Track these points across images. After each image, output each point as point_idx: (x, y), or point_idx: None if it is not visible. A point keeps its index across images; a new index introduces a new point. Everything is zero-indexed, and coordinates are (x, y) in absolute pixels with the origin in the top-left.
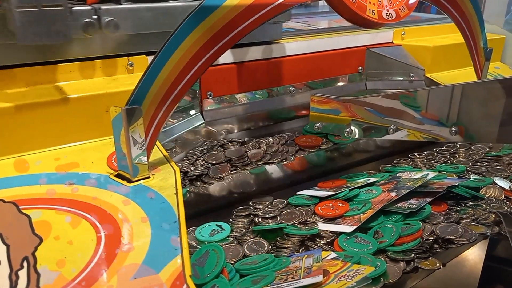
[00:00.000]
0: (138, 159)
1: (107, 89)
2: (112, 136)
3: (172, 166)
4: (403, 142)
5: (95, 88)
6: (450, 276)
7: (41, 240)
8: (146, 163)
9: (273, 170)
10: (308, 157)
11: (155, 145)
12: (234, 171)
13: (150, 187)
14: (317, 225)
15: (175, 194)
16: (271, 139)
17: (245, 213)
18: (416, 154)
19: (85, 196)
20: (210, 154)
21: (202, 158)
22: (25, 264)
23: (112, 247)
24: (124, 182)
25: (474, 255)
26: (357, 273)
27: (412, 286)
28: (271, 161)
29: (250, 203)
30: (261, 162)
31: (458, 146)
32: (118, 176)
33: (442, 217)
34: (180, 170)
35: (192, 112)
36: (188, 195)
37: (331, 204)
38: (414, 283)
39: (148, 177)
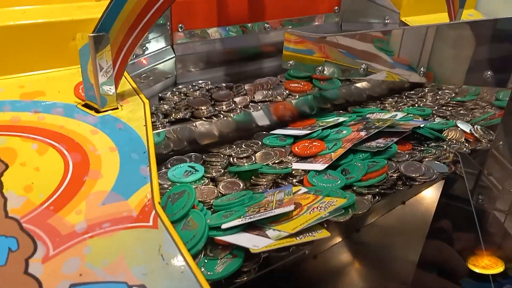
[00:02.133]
0: (106, 89)
1: (74, 16)
2: (79, 66)
3: (141, 98)
4: (382, 89)
5: (61, 14)
6: (408, 213)
7: (6, 166)
8: (114, 93)
9: (258, 114)
10: (298, 101)
11: (124, 77)
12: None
13: (119, 118)
14: (291, 164)
15: (144, 125)
16: (258, 83)
17: (218, 152)
18: (388, 97)
19: (51, 125)
20: (196, 99)
21: (185, 101)
22: None
23: (80, 175)
24: (92, 112)
25: (431, 194)
26: (329, 205)
27: (371, 222)
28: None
29: (220, 151)
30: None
31: (426, 90)
32: (86, 106)
33: (407, 156)
34: (160, 112)
35: (163, 45)
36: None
37: (307, 144)
38: (374, 219)
39: (117, 108)
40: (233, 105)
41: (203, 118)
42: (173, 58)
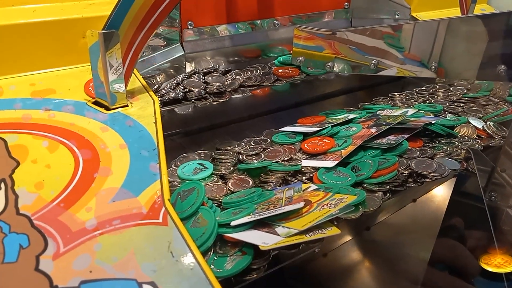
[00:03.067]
0: (116, 86)
1: (84, 14)
2: (89, 63)
3: (150, 96)
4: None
5: (70, 12)
6: (419, 211)
7: (18, 163)
8: (124, 91)
9: (245, 99)
10: (278, 87)
11: (134, 74)
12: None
13: (129, 115)
14: (301, 161)
15: (154, 123)
16: (247, 69)
17: (227, 150)
18: (396, 93)
19: (62, 122)
20: (190, 80)
21: (181, 84)
22: (2, 185)
23: (90, 172)
24: (102, 110)
25: (443, 192)
26: (339, 202)
27: (382, 220)
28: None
29: (229, 148)
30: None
31: (437, 86)
32: (96, 103)
33: (418, 152)
34: (156, 91)
35: (172, 42)
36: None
37: (316, 141)
38: (384, 217)
39: (126, 106)
40: (223, 88)
41: (192, 100)
42: (182, 56)
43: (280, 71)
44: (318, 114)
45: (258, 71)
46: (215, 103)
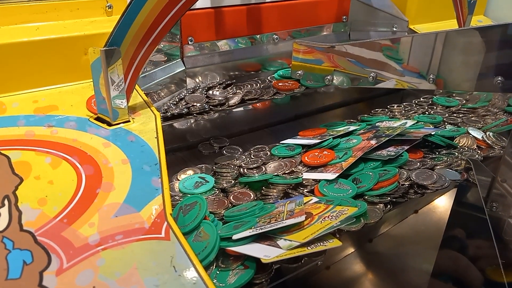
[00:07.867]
0: (117, 102)
1: (85, 31)
2: (91, 80)
3: (152, 111)
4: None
5: (72, 29)
6: (421, 222)
7: (21, 180)
8: (126, 106)
9: (246, 112)
10: (278, 100)
11: (135, 90)
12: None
13: (130, 131)
14: (302, 174)
15: (155, 138)
16: (249, 85)
17: (227, 162)
18: (394, 105)
19: (65, 138)
20: (192, 95)
21: (184, 100)
22: (6, 202)
23: (93, 187)
24: (104, 126)
25: (444, 202)
26: (340, 213)
27: (384, 232)
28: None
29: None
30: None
31: (436, 97)
32: (98, 119)
33: (418, 164)
34: (160, 109)
35: (173, 58)
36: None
37: (317, 153)
38: (386, 229)
39: (128, 121)
40: (225, 102)
41: (194, 114)
42: (183, 71)
43: (280, 84)
44: (319, 127)
45: (258, 84)
46: (215, 116)
